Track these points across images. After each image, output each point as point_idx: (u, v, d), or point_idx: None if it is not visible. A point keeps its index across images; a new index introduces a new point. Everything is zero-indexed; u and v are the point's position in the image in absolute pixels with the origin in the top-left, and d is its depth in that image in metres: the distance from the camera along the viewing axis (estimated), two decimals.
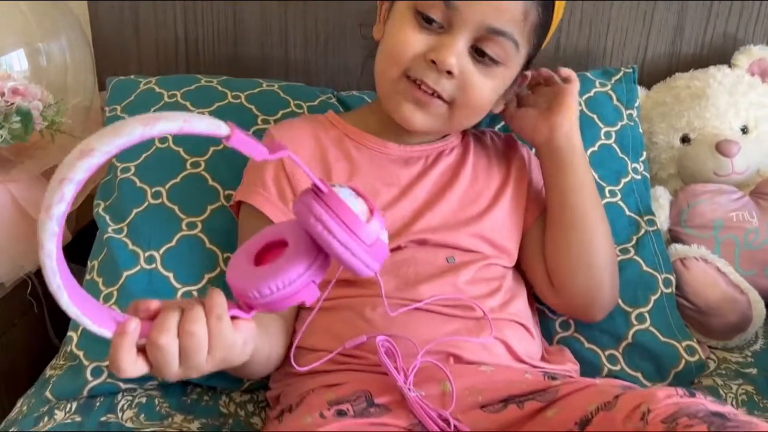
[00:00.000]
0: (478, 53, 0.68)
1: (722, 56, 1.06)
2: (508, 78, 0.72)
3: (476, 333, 0.67)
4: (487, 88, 0.70)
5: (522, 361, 0.68)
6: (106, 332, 0.46)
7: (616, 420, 0.53)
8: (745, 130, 0.97)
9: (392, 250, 0.71)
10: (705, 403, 0.51)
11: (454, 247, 0.73)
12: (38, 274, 0.95)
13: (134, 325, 0.46)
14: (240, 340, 0.50)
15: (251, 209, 0.73)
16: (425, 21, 0.67)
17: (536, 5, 0.68)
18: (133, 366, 0.46)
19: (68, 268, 0.43)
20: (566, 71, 0.78)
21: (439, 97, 0.69)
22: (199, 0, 1.09)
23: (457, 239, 0.73)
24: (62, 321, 0.98)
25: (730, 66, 1.02)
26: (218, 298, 0.49)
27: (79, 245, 0.96)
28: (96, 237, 0.84)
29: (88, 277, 0.80)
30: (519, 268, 0.79)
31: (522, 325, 0.71)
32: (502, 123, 0.94)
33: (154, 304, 0.48)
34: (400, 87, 0.70)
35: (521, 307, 0.74)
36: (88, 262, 0.82)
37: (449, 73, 0.67)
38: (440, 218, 0.73)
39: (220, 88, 0.95)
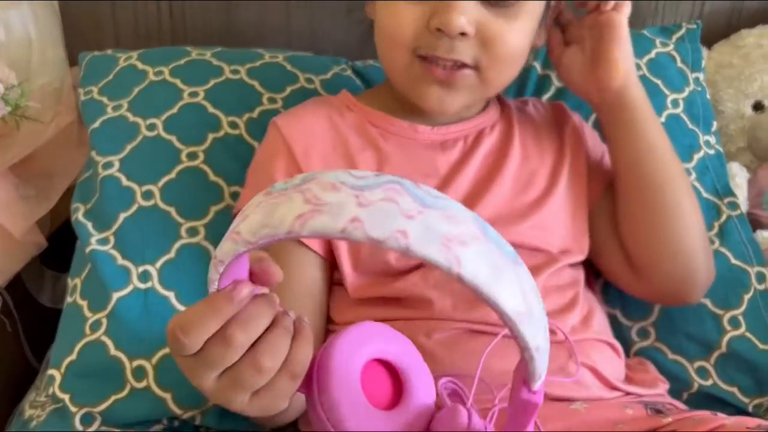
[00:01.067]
0: None
1: None
2: (537, 8, 0.59)
3: (558, 361, 0.54)
4: (513, 34, 0.57)
5: (613, 387, 0.56)
6: None
7: None
8: None
9: None
10: None
11: (517, 245, 0.59)
12: (9, 288, 0.82)
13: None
14: None
15: None
16: None
17: None
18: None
19: None
20: None
21: (463, 65, 0.57)
22: None
23: (519, 235, 0.60)
24: (40, 339, 0.86)
25: None
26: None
27: (56, 248, 0.83)
28: (76, 249, 0.70)
29: (69, 299, 0.66)
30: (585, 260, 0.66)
31: (607, 343, 0.59)
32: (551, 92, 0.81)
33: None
34: (415, 71, 0.58)
35: (602, 319, 0.62)
36: (69, 280, 0.68)
37: (463, 34, 0.55)
38: (493, 211, 0.61)
39: (215, 61, 0.80)
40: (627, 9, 0.61)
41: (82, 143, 0.92)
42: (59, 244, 0.84)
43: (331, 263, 0.61)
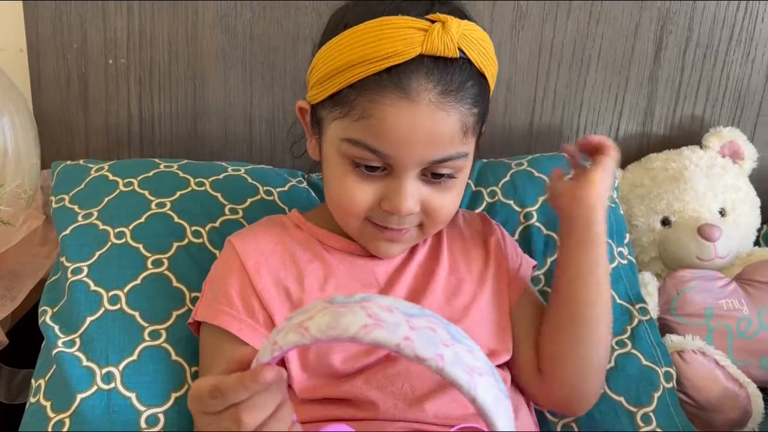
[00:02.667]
0: (432, 176, 0.63)
1: (691, 137, 1.07)
2: (468, 168, 0.67)
3: None
4: (450, 201, 0.66)
5: None
6: None
7: None
8: (723, 213, 0.97)
9: (382, 361, 0.64)
10: None
11: None
12: None
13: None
14: None
15: (216, 330, 0.65)
16: (366, 169, 0.62)
17: (470, 103, 0.61)
18: None
19: None
20: (598, 139, 0.73)
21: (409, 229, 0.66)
22: (156, 72, 1.02)
23: None
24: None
25: (701, 147, 1.02)
26: None
27: (13, 344, 0.85)
28: (42, 349, 0.74)
29: (32, 399, 0.69)
30: None
31: None
32: (483, 206, 0.91)
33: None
34: (366, 230, 0.66)
35: (527, 417, 0.69)
36: (33, 381, 0.71)
37: (409, 214, 0.64)
38: None
39: (181, 174, 0.87)
40: (616, 153, 0.73)
41: (48, 242, 0.97)
42: (17, 341, 0.87)
43: (280, 365, 0.66)
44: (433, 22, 0.59)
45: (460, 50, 0.59)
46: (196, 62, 1.03)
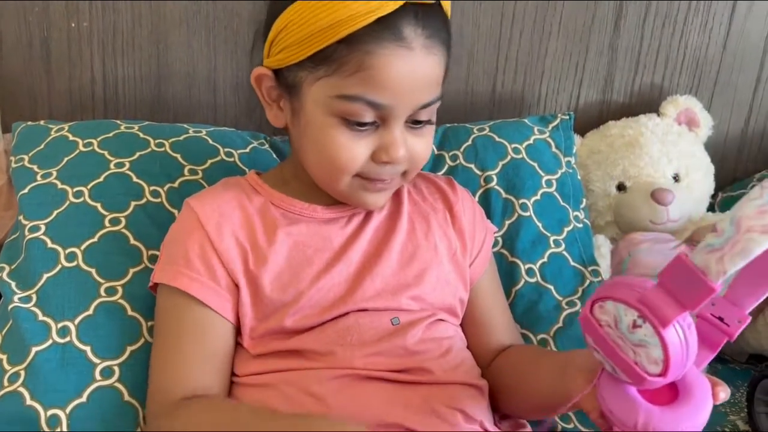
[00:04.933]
0: (413, 123, 0.65)
1: (650, 105, 1.09)
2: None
3: (431, 403, 0.63)
4: (429, 146, 0.68)
5: (482, 427, 0.65)
6: None
7: None
8: (677, 179, 1.00)
9: (334, 318, 0.66)
10: None
11: (396, 310, 0.69)
12: None
13: None
14: None
15: (175, 291, 0.65)
16: (358, 125, 0.63)
17: (446, 46, 0.64)
18: None
19: None
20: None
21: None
22: (119, 35, 1.02)
23: (399, 303, 0.68)
24: None
25: (658, 115, 1.04)
26: None
27: None
28: None
29: None
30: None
31: (475, 386, 0.68)
32: (444, 169, 0.92)
33: None
34: (355, 185, 0.66)
35: (472, 365, 0.71)
36: None
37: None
38: (380, 282, 0.68)
39: (141, 135, 0.87)
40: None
41: (12, 206, 0.97)
42: None
43: (236, 328, 0.67)
44: None
45: None
46: (159, 26, 1.02)
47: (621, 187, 1.00)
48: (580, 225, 0.92)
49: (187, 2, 1.01)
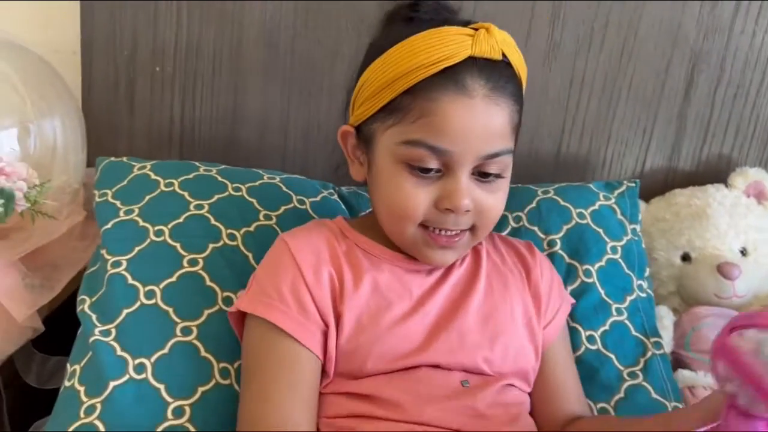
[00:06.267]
0: (480, 175, 0.67)
1: (717, 175, 1.08)
2: (510, 171, 0.70)
3: None
4: (500, 202, 0.69)
5: None
6: None
7: None
8: (744, 253, 0.98)
9: (406, 369, 0.67)
10: None
11: (469, 370, 0.69)
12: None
13: None
14: None
15: (264, 324, 0.67)
16: (422, 171, 0.65)
17: (514, 100, 0.66)
18: None
19: None
20: None
21: (462, 231, 0.69)
22: (199, 78, 1.07)
23: (471, 364, 0.69)
24: (21, 417, 0.90)
25: (726, 186, 1.04)
26: None
27: (47, 331, 0.89)
28: (78, 336, 0.77)
29: (67, 383, 0.73)
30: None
31: None
32: (507, 230, 0.93)
33: None
34: (420, 238, 0.68)
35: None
36: (68, 366, 0.75)
37: (467, 211, 0.66)
38: (456, 340, 0.69)
39: (219, 178, 0.91)
40: None
41: (86, 237, 1.01)
42: (51, 329, 0.91)
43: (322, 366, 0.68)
44: (476, 29, 0.65)
45: (502, 53, 0.65)
46: (238, 74, 1.07)
47: (686, 258, 0.99)
48: (644, 294, 0.91)
49: (266, 51, 1.05)
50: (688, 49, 1.05)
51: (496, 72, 0.65)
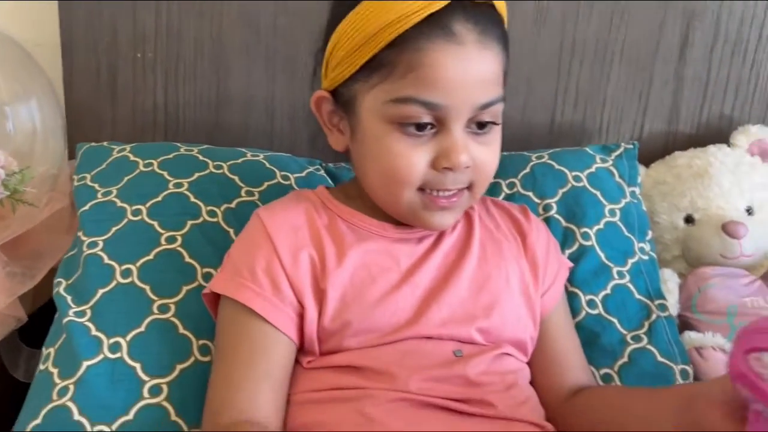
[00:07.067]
0: (476, 126, 0.63)
1: (719, 136, 1.04)
2: (500, 121, 0.66)
3: None
4: (495, 154, 0.66)
5: None
6: None
7: None
8: (750, 211, 0.94)
9: (395, 341, 0.63)
10: None
11: (464, 341, 0.65)
12: None
13: None
14: None
15: (237, 306, 0.63)
16: (416, 129, 0.61)
17: (503, 44, 0.62)
18: None
19: None
20: None
21: (460, 190, 0.65)
22: (181, 63, 1.04)
23: (465, 335, 0.65)
24: (8, 413, 0.88)
25: (729, 145, 1.00)
26: None
27: (36, 326, 0.87)
28: (54, 321, 0.75)
29: (42, 367, 0.70)
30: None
31: (540, 427, 0.64)
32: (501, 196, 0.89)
33: None
34: (418, 202, 0.64)
35: (537, 404, 0.67)
36: (43, 349, 0.72)
37: (466, 167, 0.62)
38: (447, 312, 0.65)
39: (200, 157, 0.88)
40: None
41: (72, 229, 0.98)
42: (40, 323, 0.88)
43: (297, 348, 0.65)
44: None
45: None
46: (220, 56, 1.05)
47: (689, 220, 0.95)
48: (646, 257, 0.87)
49: (247, 31, 1.03)
50: (681, 6, 1.02)
51: (483, 15, 0.61)
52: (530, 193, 0.90)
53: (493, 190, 0.91)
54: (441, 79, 0.59)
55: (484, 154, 0.64)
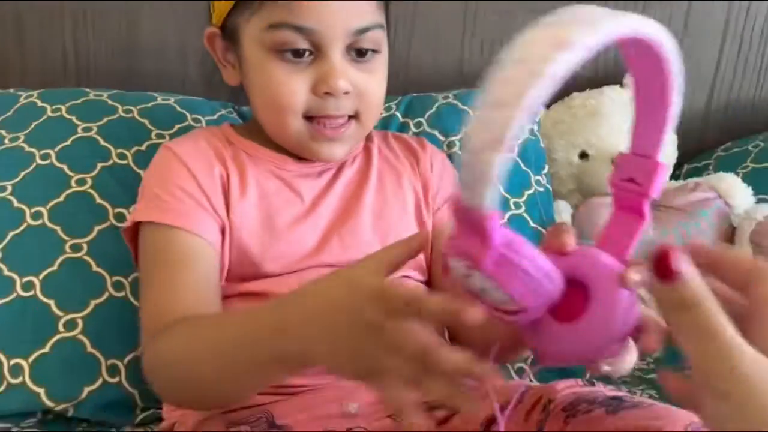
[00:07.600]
0: (356, 54, 0.65)
1: (615, 77, 1.11)
2: (386, 49, 0.68)
3: None
4: (379, 83, 0.68)
5: None
6: None
7: (520, 415, 0.53)
8: None
9: (298, 270, 0.67)
10: (603, 390, 0.53)
11: None
12: None
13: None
14: None
15: (161, 227, 0.62)
16: (293, 55, 0.63)
17: None
18: None
19: None
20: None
21: (348, 118, 0.67)
22: (90, 9, 1.03)
23: None
24: None
25: (622, 86, 1.07)
26: None
27: None
28: None
29: None
30: None
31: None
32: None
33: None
34: (305, 132, 0.66)
35: None
36: None
37: (346, 93, 0.64)
38: (350, 241, 0.69)
39: (110, 102, 0.88)
40: None
41: None
42: None
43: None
44: None
45: None
46: (130, 1, 1.03)
47: (583, 156, 1.02)
48: (542, 189, 0.94)
49: None
50: None
51: None
52: (436, 132, 0.94)
53: (401, 129, 0.95)
54: (312, 3, 0.60)
55: (365, 81, 0.65)
